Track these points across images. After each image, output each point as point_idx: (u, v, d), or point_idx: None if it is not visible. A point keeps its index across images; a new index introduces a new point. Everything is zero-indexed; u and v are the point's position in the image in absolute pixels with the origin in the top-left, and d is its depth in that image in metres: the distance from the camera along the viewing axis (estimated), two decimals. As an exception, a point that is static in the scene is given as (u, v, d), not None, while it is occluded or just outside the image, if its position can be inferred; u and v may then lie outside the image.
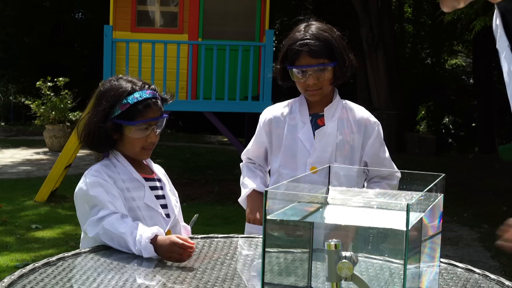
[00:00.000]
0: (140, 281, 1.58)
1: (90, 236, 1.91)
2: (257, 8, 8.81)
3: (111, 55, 7.63)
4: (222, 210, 7.22)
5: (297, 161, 2.30)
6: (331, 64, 2.22)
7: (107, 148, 2.09)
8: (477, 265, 1.81)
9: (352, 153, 2.30)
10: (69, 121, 12.20)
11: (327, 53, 2.20)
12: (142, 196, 2.04)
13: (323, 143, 2.27)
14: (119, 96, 2.01)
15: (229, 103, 7.98)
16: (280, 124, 2.35)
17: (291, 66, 2.24)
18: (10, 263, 4.93)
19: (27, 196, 7.70)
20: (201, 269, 1.69)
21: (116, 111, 2.00)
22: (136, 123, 2.01)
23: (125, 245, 1.83)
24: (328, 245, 1.21)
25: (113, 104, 2.00)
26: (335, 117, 2.30)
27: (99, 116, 2.01)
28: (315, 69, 2.21)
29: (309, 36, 2.20)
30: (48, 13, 17.90)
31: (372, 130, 2.32)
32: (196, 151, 12.51)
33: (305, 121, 2.31)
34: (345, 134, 2.29)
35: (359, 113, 2.34)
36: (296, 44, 2.20)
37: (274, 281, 1.35)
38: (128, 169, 2.06)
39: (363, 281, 1.21)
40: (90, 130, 2.03)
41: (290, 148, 2.31)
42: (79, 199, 2.00)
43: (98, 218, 1.89)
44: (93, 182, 1.97)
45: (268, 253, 1.33)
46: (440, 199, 1.46)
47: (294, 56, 2.21)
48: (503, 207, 7.66)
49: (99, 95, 2.06)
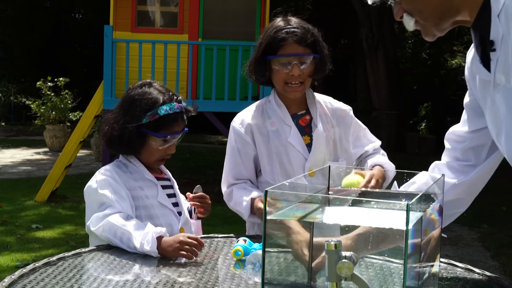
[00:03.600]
0: (140, 281, 1.58)
1: (92, 229, 1.91)
2: (257, 8, 8.81)
3: (111, 55, 7.63)
4: (222, 210, 7.17)
5: (294, 167, 2.16)
6: (316, 55, 2.12)
7: (127, 152, 2.10)
8: (477, 265, 1.81)
9: (335, 148, 2.22)
10: (69, 121, 12.22)
11: (311, 43, 2.10)
12: (155, 194, 2.07)
13: (318, 144, 2.17)
14: (150, 105, 2.02)
15: (229, 103, 7.98)
16: (262, 131, 2.19)
17: (274, 55, 2.09)
18: (11, 263, 4.93)
19: (28, 196, 7.70)
20: (201, 269, 1.69)
21: (145, 119, 2.02)
22: (162, 136, 2.04)
23: (128, 240, 1.83)
24: (328, 245, 1.21)
25: (143, 112, 2.02)
26: (317, 114, 2.21)
27: (127, 120, 2.02)
28: (300, 58, 2.09)
29: (294, 25, 2.10)
30: (48, 13, 17.90)
31: (349, 119, 2.26)
32: (196, 151, 12.51)
33: (290, 124, 2.18)
34: (327, 130, 2.20)
35: (332, 104, 2.27)
36: (282, 32, 2.07)
37: (274, 281, 1.35)
38: (140, 170, 2.09)
39: (363, 281, 1.21)
40: (114, 131, 2.04)
41: (283, 156, 2.16)
42: (87, 196, 2.03)
43: (104, 214, 1.91)
44: (103, 180, 1.99)
45: (268, 253, 1.33)
46: (440, 199, 1.46)
47: (280, 43, 2.07)
48: (503, 207, 7.66)
49: (129, 99, 2.07)
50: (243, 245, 1.79)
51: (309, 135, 2.20)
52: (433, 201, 1.41)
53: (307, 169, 2.14)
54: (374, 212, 1.37)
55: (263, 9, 8.72)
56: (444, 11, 1.53)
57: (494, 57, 1.46)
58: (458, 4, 1.52)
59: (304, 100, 2.23)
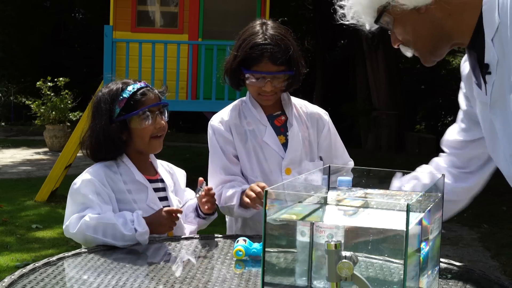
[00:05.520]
0: (140, 281, 1.58)
1: (72, 232, 1.89)
2: (257, 8, 8.81)
3: (111, 55, 7.63)
4: (222, 210, 7.21)
5: (270, 166, 2.19)
6: (289, 72, 2.15)
7: (118, 152, 2.07)
8: (477, 265, 1.81)
9: (311, 149, 2.25)
10: (69, 121, 12.22)
11: (286, 60, 2.12)
12: (144, 198, 2.04)
13: (294, 143, 2.21)
14: (114, 95, 2.02)
15: (229, 103, 7.97)
16: (239, 130, 2.23)
17: (248, 70, 2.14)
18: (11, 263, 4.93)
19: (28, 196, 7.70)
20: (201, 269, 1.69)
21: (116, 110, 2.01)
22: (139, 111, 2.02)
23: (113, 230, 1.84)
24: (328, 245, 1.21)
25: (111, 105, 2.01)
26: (292, 114, 2.24)
27: (102, 122, 2.01)
28: (273, 76, 2.13)
29: (270, 41, 2.11)
30: (48, 13, 17.91)
31: (323, 122, 2.29)
32: (196, 151, 12.51)
33: (265, 124, 2.23)
34: (302, 130, 2.24)
35: (307, 108, 2.31)
36: (257, 49, 2.10)
37: (274, 281, 1.35)
38: (131, 170, 2.06)
39: (363, 281, 1.21)
40: (97, 138, 2.02)
41: (259, 154, 2.20)
42: (70, 195, 2.00)
43: (83, 215, 1.89)
44: (88, 181, 1.97)
45: (268, 253, 1.33)
46: (440, 199, 1.46)
47: (254, 61, 2.11)
48: (503, 207, 7.66)
49: (95, 104, 2.07)
50: (244, 245, 1.79)
51: (284, 134, 2.25)
52: (433, 200, 1.41)
53: (284, 167, 2.19)
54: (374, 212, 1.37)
55: (263, 9, 8.72)
56: (436, 40, 1.53)
57: (490, 80, 1.46)
58: (450, 31, 1.51)
59: (279, 102, 2.27)
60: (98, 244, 1.87)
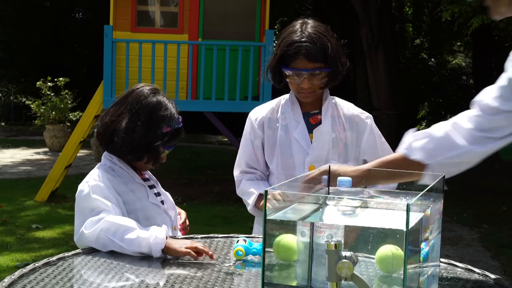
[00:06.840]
0: (140, 281, 1.58)
1: (86, 232, 1.85)
2: (257, 8, 8.80)
3: (111, 55, 7.63)
4: (222, 210, 7.22)
5: (295, 161, 2.25)
6: (326, 69, 2.18)
7: (127, 155, 2.08)
8: (477, 265, 1.81)
9: (345, 151, 2.27)
10: (69, 121, 12.22)
11: (323, 57, 2.16)
12: (146, 196, 2.09)
13: (320, 141, 2.24)
14: (168, 119, 2.07)
15: (229, 103, 7.98)
16: (272, 125, 2.30)
17: (286, 67, 2.20)
18: (11, 263, 4.93)
19: (28, 196, 7.71)
20: (201, 269, 1.69)
21: (159, 131, 2.05)
22: (169, 148, 2.13)
23: (130, 236, 1.79)
24: (328, 245, 1.21)
25: (161, 123, 2.05)
26: (328, 115, 2.27)
27: (143, 129, 2.03)
28: (310, 73, 2.17)
29: (307, 39, 2.15)
30: (48, 13, 17.89)
31: (364, 125, 2.30)
32: (196, 151, 12.51)
33: (299, 120, 2.28)
34: (338, 131, 2.27)
35: (349, 110, 2.32)
36: (293, 46, 2.15)
37: (274, 281, 1.35)
38: (127, 172, 2.08)
39: (363, 281, 1.21)
40: (132, 141, 2.03)
41: (286, 149, 2.27)
42: (79, 202, 1.99)
43: (99, 218, 1.88)
44: (95, 186, 1.97)
45: (268, 253, 1.33)
46: (440, 199, 1.46)
47: (291, 58, 2.16)
48: (503, 207, 7.66)
49: (147, 109, 2.06)
50: (244, 245, 1.79)
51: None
52: (434, 201, 1.41)
53: (308, 164, 2.23)
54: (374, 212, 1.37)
55: (263, 9, 8.72)
56: None
57: None
58: None
59: (320, 101, 2.30)
60: (106, 249, 1.82)
